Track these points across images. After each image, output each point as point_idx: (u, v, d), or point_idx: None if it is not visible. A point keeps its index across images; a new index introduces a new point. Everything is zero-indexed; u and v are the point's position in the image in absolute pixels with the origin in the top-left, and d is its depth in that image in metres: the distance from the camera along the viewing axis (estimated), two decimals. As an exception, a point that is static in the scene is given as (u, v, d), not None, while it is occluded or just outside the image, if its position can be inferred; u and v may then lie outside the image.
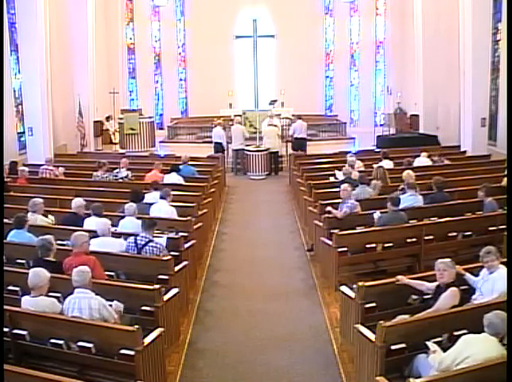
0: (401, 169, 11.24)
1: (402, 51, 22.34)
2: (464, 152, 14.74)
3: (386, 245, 7.77)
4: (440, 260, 5.41)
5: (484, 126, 14.65)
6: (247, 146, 16.51)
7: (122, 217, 7.99)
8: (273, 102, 19.60)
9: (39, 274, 5.23)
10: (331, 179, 11.57)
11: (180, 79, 24.34)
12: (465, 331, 4.66)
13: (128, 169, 12.00)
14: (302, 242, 10.05)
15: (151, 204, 8.93)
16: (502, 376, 3.97)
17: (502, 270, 5.48)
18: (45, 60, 14.42)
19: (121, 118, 18.71)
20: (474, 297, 5.48)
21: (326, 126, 20.42)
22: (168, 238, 7.41)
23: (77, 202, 8.22)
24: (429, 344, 4.63)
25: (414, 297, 5.70)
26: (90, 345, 4.89)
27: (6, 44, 14.63)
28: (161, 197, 8.91)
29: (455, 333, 4.72)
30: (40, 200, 8.37)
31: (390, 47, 23.41)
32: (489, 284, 5.48)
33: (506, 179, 9.89)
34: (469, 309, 5.07)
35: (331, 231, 7.99)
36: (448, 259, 5.43)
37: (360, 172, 10.92)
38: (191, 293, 7.57)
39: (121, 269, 6.70)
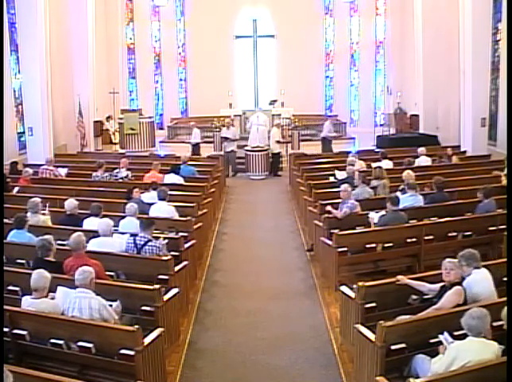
0: (401, 169, 11.23)
1: (402, 51, 22.34)
2: (464, 152, 14.73)
3: (386, 245, 7.77)
4: (448, 259, 5.42)
5: (484, 126, 14.64)
6: (245, 146, 16.51)
7: (123, 217, 7.99)
8: (273, 102, 19.62)
9: (43, 276, 5.22)
10: (331, 179, 11.57)
11: (180, 79, 24.34)
12: (465, 331, 4.65)
13: (128, 169, 11.99)
14: (302, 242, 10.05)
15: (151, 204, 8.93)
16: (501, 375, 3.97)
17: (473, 276, 5.40)
18: (45, 60, 14.41)
19: (121, 118, 18.71)
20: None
21: (326, 126, 20.40)
22: (167, 238, 7.40)
23: (70, 204, 8.14)
24: (442, 337, 4.57)
25: (414, 297, 5.69)
26: (90, 345, 4.89)
27: (6, 44, 14.62)
28: (160, 198, 8.91)
29: (455, 333, 4.71)
30: (38, 199, 8.32)
31: (390, 47, 23.39)
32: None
33: (505, 179, 9.90)
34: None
35: (331, 231, 8.00)
36: (456, 260, 5.44)
37: (360, 172, 10.91)
38: (191, 293, 7.58)
39: (121, 269, 6.70)
